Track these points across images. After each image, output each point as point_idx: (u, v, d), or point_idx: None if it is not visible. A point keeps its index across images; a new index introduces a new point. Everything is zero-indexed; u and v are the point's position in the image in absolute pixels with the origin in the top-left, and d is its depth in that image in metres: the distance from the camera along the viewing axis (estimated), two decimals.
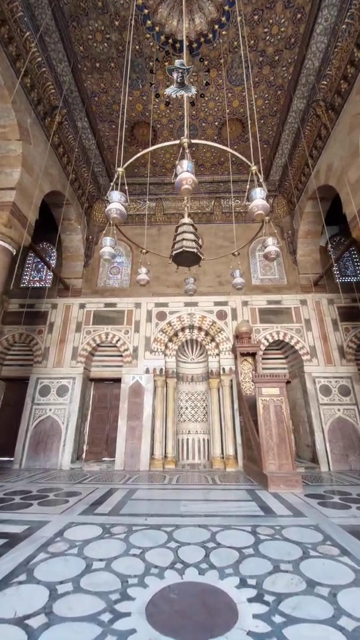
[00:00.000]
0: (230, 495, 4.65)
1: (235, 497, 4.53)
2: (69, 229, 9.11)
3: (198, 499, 4.38)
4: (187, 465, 7.62)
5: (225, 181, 9.55)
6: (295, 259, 9.18)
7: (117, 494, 4.66)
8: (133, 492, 4.79)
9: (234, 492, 4.89)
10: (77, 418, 7.65)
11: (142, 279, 4.29)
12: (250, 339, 7.71)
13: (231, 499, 4.41)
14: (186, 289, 5.01)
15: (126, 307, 8.73)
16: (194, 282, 5.05)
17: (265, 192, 2.90)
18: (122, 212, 2.95)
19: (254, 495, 4.58)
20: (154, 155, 8.89)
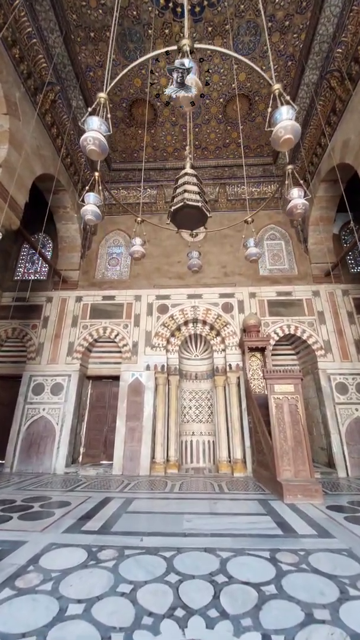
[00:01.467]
0: (240, 507, 4.05)
1: (247, 510, 3.94)
2: (64, 217, 8.59)
3: (203, 512, 3.79)
4: (191, 470, 7.04)
5: (230, 165, 8.96)
6: (307, 248, 8.55)
7: (112, 505, 4.09)
8: (130, 503, 4.22)
9: (244, 503, 4.29)
10: (73, 418, 7.12)
11: (136, 251, 3.72)
12: (259, 332, 7.10)
13: (242, 512, 3.81)
14: (190, 265, 4.37)
15: (125, 299, 8.19)
16: (199, 256, 4.40)
17: (295, 111, 2.31)
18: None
19: (268, 508, 3.99)
20: (154, 137, 8.33)
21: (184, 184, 2.79)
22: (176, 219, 2.84)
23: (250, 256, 3.94)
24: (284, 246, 8.74)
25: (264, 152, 8.75)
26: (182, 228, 3.12)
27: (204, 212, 2.75)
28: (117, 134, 8.26)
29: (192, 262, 4.19)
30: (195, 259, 4.19)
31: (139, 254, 3.69)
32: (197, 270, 4.22)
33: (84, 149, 2.41)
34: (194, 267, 4.17)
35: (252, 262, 3.93)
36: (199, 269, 4.21)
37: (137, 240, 3.78)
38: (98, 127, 2.33)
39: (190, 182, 2.79)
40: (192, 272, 4.26)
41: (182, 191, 2.72)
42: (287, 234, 8.86)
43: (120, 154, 8.77)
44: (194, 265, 4.18)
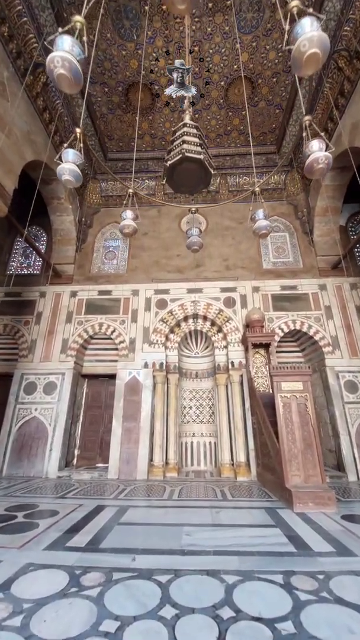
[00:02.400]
0: (245, 517, 3.66)
1: (253, 521, 3.54)
2: (59, 209, 8.21)
3: (205, 524, 3.40)
4: (191, 473, 6.64)
5: (232, 154, 8.58)
6: (312, 240, 8.16)
7: (104, 515, 3.70)
8: (124, 512, 3.83)
9: (249, 512, 3.90)
10: (66, 419, 6.73)
11: (126, 226, 3.31)
12: (263, 327, 6.71)
13: (248, 524, 3.42)
14: (189, 243, 3.89)
15: (122, 294, 7.80)
16: (200, 233, 3.94)
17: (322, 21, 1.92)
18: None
19: (277, 518, 3.59)
20: (152, 124, 7.96)
21: (183, 134, 2.40)
22: (173, 178, 2.44)
23: (259, 230, 3.49)
24: (288, 238, 8.35)
25: (267, 140, 8.37)
26: (180, 190, 2.73)
27: (206, 168, 2.35)
28: (113, 121, 7.89)
29: (192, 240, 3.73)
30: (195, 236, 3.74)
31: (130, 229, 3.28)
32: (197, 249, 3.76)
33: (51, 73, 1.93)
34: (194, 245, 3.72)
35: (261, 236, 3.48)
36: (199, 248, 3.75)
37: (127, 213, 3.38)
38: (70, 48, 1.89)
39: (189, 133, 2.41)
40: (192, 251, 3.75)
41: (180, 142, 2.33)
42: (292, 226, 8.47)
43: (116, 142, 8.39)
44: (194, 243, 3.73)
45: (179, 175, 2.40)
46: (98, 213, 9.04)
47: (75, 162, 2.08)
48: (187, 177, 2.44)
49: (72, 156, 2.40)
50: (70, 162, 2.01)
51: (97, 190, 9.08)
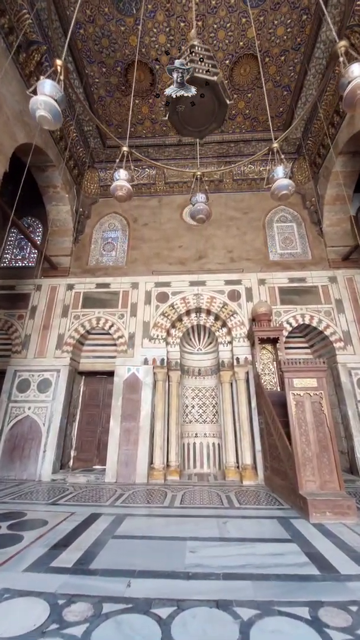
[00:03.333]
0: (256, 529, 3.26)
1: (265, 533, 3.14)
2: (55, 198, 7.84)
3: (211, 537, 3.00)
4: (194, 476, 6.25)
5: (236, 141, 8.16)
6: (321, 230, 7.74)
7: (97, 526, 3.31)
8: (120, 522, 3.44)
9: (260, 522, 3.50)
10: (62, 418, 6.35)
11: (119, 187, 2.86)
12: (270, 321, 6.31)
13: (260, 537, 3.02)
14: (193, 212, 3.25)
15: (121, 287, 7.41)
16: (206, 200, 3.38)
17: None
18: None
19: (292, 530, 3.19)
20: (153, 109, 7.56)
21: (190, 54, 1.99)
22: (177, 113, 2.01)
23: (279, 190, 3.01)
24: (296, 229, 7.94)
25: (273, 125, 7.94)
26: (186, 132, 2.30)
27: (220, 96, 1.89)
28: (111, 105, 7.49)
29: (197, 208, 3.23)
30: (201, 203, 3.26)
31: (124, 190, 2.85)
32: (204, 218, 3.29)
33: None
34: (199, 213, 3.24)
35: (280, 199, 3.02)
36: (206, 218, 3.26)
37: (120, 172, 2.93)
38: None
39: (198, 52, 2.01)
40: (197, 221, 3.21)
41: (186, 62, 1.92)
42: (299, 216, 8.06)
43: (115, 128, 7.99)
44: (200, 211, 3.24)
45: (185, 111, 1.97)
46: (96, 203, 8.65)
47: (53, 96, 1.72)
48: (195, 111, 2.01)
49: (50, 88, 2.01)
50: (46, 95, 1.64)
51: (96, 179, 8.70)
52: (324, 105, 7.17)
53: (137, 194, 8.68)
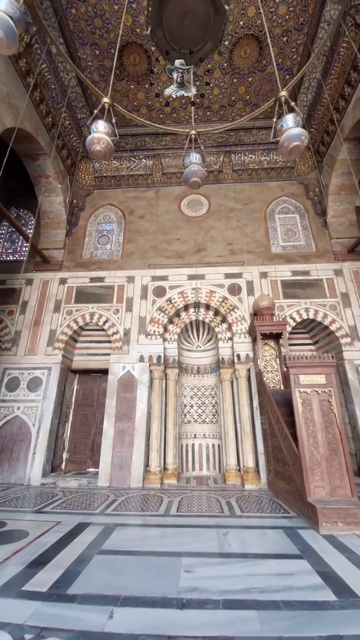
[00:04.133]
0: (261, 542, 2.92)
1: (271, 547, 2.80)
2: (47, 189, 7.50)
3: (210, 552, 2.66)
4: (192, 479, 5.91)
5: (237, 129, 7.83)
6: (326, 222, 7.41)
7: (83, 538, 2.97)
8: (109, 534, 3.10)
9: (264, 533, 3.15)
10: (53, 418, 6.01)
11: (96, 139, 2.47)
12: (272, 316, 5.97)
13: (265, 552, 2.68)
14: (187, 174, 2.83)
15: (116, 281, 7.08)
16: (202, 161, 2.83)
17: None
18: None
19: (300, 543, 2.85)
20: (149, 95, 7.22)
21: None
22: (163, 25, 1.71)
23: (290, 140, 2.52)
24: (299, 220, 7.61)
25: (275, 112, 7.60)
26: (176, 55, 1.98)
27: None
28: (106, 90, 7.14)
29: (190, 170, 2.74)
30: (195, 164, 2.83)
31: (103, 144, 2.46)
32: (199, 182, 2.84)
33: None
34: (194, 176, 2.75)
35: (291, 152, 2.56)
36: (201, 181, 2.83)
37: (99, 124, 2.57)
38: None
39: None
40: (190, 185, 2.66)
41: None
42: (303, 207, 7.73)
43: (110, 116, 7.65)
44: (194, 173, 2.75)
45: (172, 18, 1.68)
46: (91, 195, 8.32)
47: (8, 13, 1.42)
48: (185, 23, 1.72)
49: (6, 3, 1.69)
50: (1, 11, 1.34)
51: (90, 170, 8.37)
52: (328, 90, 6.83)
53: (133, 185, 8.37)
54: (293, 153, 2.51)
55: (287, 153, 2.50)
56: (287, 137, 2.43)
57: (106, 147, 2.49)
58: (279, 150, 2.70)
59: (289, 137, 2.43)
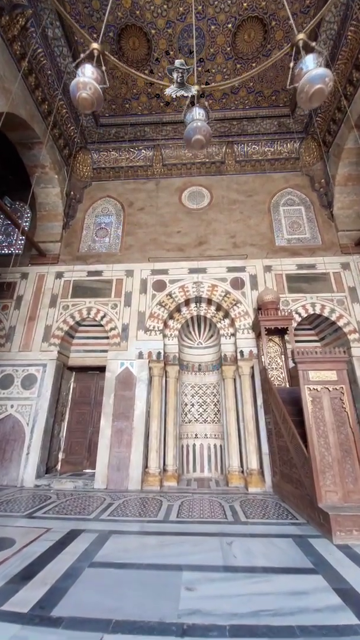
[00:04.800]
0: (269, 553, 2.66)
1: (281, 560, 2.54)
2: (43, 180, 7.25)
3: (214, 566, 2.40)
4: (193, 481, 5.66)
5: (239, 118, 7.56)
6: (332, 214, 7.14)
7: (74, 548, 2.72)
8: (103, 542, 2.85)
9: (273, 543, 2.89)
10: (48, 417, 5.76)
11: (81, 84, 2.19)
12: (277, 310, 5.70)
13: (275, 566, 2.42)
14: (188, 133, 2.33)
15: (115, 275, 6.82)
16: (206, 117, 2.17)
17: None
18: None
19: (313, 555, 2.59)
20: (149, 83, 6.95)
21: None
22: None
23: (312, 82, 2.10)
24: (304, 212, 7.34)
25: (279, 100, 7.34)
26: None
27: None
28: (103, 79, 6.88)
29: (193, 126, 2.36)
30: (199, 121, 2.49)
31: (90, 89, 2.17)
32: (202, 141, 2.44)
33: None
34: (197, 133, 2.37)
35: (311, 99, 2.15)
36: (205, 140, 2.41)
37: (86, 68, 2.32)
38: None
39: None
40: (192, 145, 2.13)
41: None
42: (308, 199, 7.46)
43: (109, 104, 7.40)
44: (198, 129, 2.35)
45: None
46: (89, 187, 8.06)
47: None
48: None
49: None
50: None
51: (88, 161, 8.11)
52: (335, 75, 6.55)
53: (133, 177, 8.11)
54: (315, 99, 2.18)
55: (307, 100, 2.15)
56: (307, 80, 2.02)
57: (93, 94, 2.23)
58: (298, 99, 2.41)
59: (310, 80, 2.03)
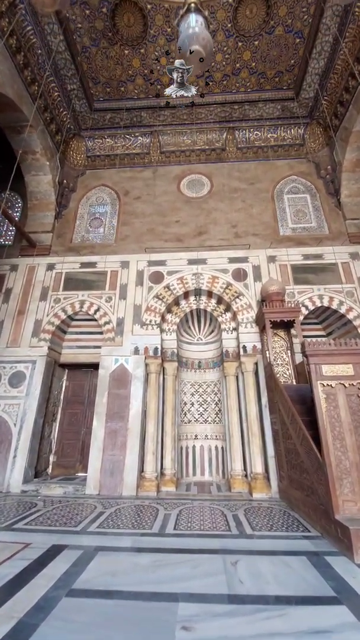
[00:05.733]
0: (282, 577, 2.26)
1: (297, 586, 2.14)
2: (34, 167, 6.87)
3: (216, 594, 2.01)
4: (193, 486, 5.26)
5: (241, 102, 7.18)
6: (339, 202, 6.75)
7: (53, 570, 2.33)
8: (87, 562, 2.45)
9: (285, 562, 2.50)
10: (36, 418, 5.37)
11: None
12: (283, 302, 5.31)
13: (289, 594, 2.02)
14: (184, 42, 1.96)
15: (109, 266, 6.44)
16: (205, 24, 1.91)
17: None
18: None
19: (333, 578, 2.19)
20: (145, 61, 6.58)
21: None
22: None
23: None
24: (310, 200, 6.95)
25: (283, 82, 6.96)
26: None
27: None
28: (97, 57, 6.52)
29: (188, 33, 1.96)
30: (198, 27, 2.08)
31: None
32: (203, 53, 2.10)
33: None
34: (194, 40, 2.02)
35: None
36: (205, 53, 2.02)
37: None
38: None
39: None
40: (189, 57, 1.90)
41: None
42: (314, 187, 7.07)
43: (103, 87, 7.03)
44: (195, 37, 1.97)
45: None
46: (83, 176, 7.69)
47: None
48: None
49: None
50: None
51: (82, 149, 7.73)
52: (342, 55, 6.17)
53: (129, 165, 7.73)
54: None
55: None
56: None
57: None
58: None
59: None
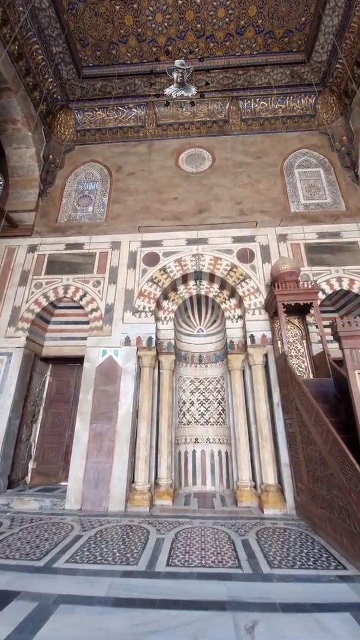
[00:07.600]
0: None
1: None
2: (15, 138, 6.16)
3: None
4: (193, 497, 4.50)
5: (245, 66, 6.46)
6: (357, 175, 6.01)
7: None
8: (36, 628, 1.70)
9: (320, 622, 1.74)
10: (11, 418, 4.63)
11: None
12: (297, 283, 4.56)
13: None
14: None
15: (98, 247, 5.71)
16: None
17: None
18: None
19: None
20: (139, 19, 5.87)
21: None
22: None
23: None
24: (324, 175, 6.21)
25: (293, 43, 6.23)
26: None
27: None
28: (85, 14, 5.81)
29: None
30: None
31: None
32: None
33: None
34: None
35: None
36: None
37: None
38: None
39: None
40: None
41: None
42: (327, 160, 6.33)
43: (92, 50, 6.32)
44: None
45: None
46: (71, 151, 6.97)
47: None
48: None
49: None
50: None
51: (71, 123, 7.02)
52: (358, 12, 5.44)
53: (122, 139, 7.01)
54: None
55: None
56: None
57: None
58: None
59: None
